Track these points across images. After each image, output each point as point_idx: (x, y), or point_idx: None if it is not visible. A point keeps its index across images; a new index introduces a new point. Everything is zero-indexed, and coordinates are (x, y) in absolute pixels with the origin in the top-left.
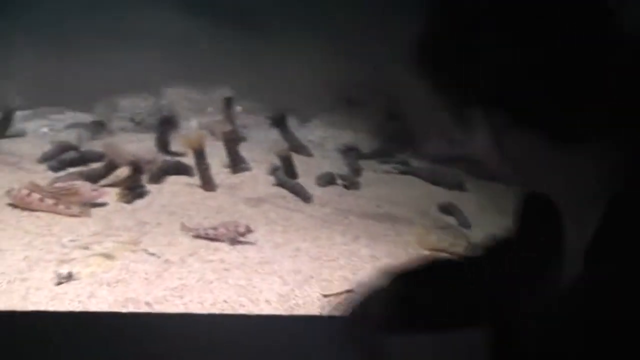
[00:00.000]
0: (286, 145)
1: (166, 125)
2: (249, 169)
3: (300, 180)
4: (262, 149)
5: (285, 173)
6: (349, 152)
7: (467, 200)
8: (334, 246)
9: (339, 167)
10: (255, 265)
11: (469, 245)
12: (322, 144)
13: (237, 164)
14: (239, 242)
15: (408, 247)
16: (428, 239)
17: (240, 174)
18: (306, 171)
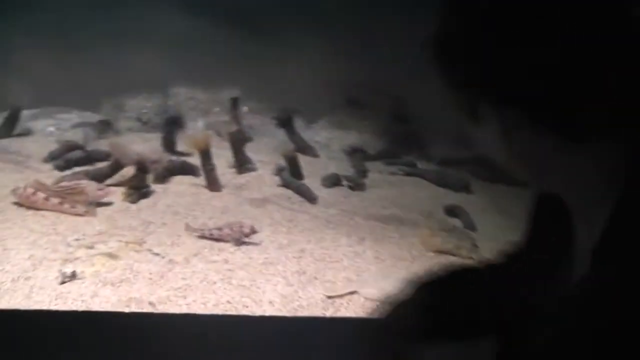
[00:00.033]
0: (292, 146)
1: (172, 125)
2: (254, 169)
3: (306, 181)
4: (268, 149)
5: (290, 174)
6: (355, 153)
7: (473, 202)
8: (339, 247)
9: (345, 168)
10: (259, 266)
11: (474, 247)
12: (328, 145)
13: (243, 165)
14: (243, 243)
15: (413, 249)
16: (433, 240)
17: (245, 175)
18: (312, 172)
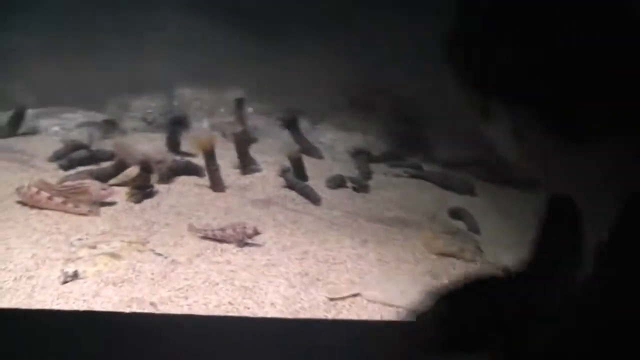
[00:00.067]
0: (297, 147)
1: (177, 126)
2: (259, 170)
3: (311, 182)
4: (272, 150)
5: (295, 175)
6: (360, 155)
7: (477, 205)
8: (342, 249)
9: (350, 169)
10: (261, 268)
11: (478, 250)
12: (332, 146)
13: (247, 165)
14: (246, 244)
15: (416, 252)
16: (437, 243)
17: (250, 175)
18: (316, 173)
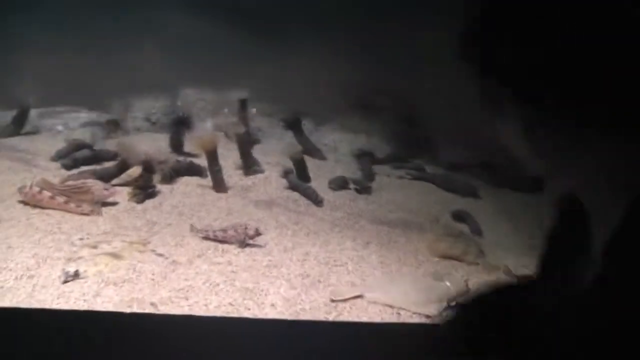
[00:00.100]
0: (299, 149)
1: (180, 126)
2: (261, 171)
3: (313, 183)
4: (275, 151)
5: (298, 176)
6: (363, 156)
7: (481, 207)
8: (344, 251)
9: (353, 171)
10: (263, 269)
11: (480, 253)
12: (336, 147)
13: (250, 166)
14: (247, 245)
15: (418, 254)
16: (439, 245)
17: (252, 176)
18: (319, 175)
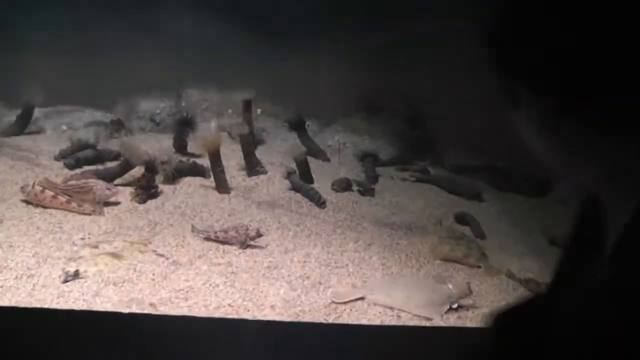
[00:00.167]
0: (303, 150)
1: (184, 126)
2: (264, 172)
3: (317, 185)
4: (279, 152)
5: (301, 177)
6: (367, 158)
7: (485, 210)
8: (345, 253)
9: (357, 173)
10: (263, 270)
11: (483, 256)
12: (340, 149)
13: (253, 167)
14: (248, 246)
15: (420, 256)
16: (441, 248)
17: (255, 177)
18: (323, 176)
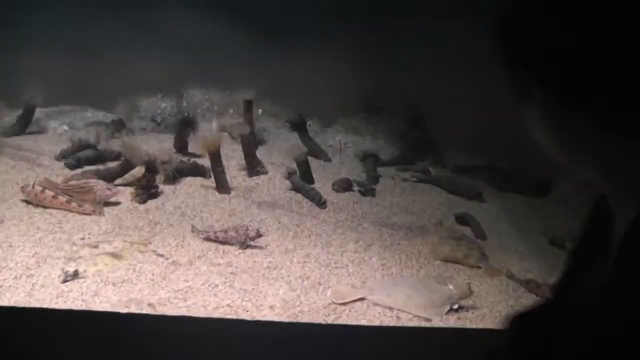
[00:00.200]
0: (304, 151)
1: (185, 126)
2: (265, 172)
3: (317, 185)
4: (280, 152)
5: (301, 178)
6: (368, 158)
7: (485, 211)
8: (345, 253)
9: (358, 173)
10: (263, 270)
11: (483, 256)
12: (341, 149)
13: (254, 167)
14: (248, 246)
15: (420, 257)
16: (441, 249)
17: (256, 177)
18: (324, 176)
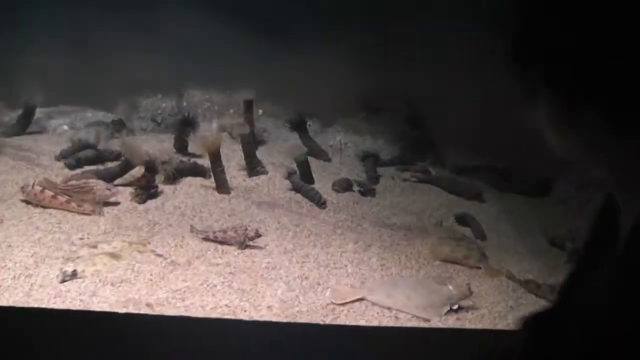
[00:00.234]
0: (304, 151)
1: (185, 126)
2: (265, 172)
3: (317, 185)
4: (280, 152)
5: (301, 178)
6: (368, 158)
7: (485, 211)
8: (345, 253)
9: (358, 173)
10: (261, 270)
11: (483, 256)
12: (341, 149)
13: (254, 167)
14: (247, 246)
15: (420, 257)
16: (441, 249)
17: (256, 177)
18: (324, 176)
